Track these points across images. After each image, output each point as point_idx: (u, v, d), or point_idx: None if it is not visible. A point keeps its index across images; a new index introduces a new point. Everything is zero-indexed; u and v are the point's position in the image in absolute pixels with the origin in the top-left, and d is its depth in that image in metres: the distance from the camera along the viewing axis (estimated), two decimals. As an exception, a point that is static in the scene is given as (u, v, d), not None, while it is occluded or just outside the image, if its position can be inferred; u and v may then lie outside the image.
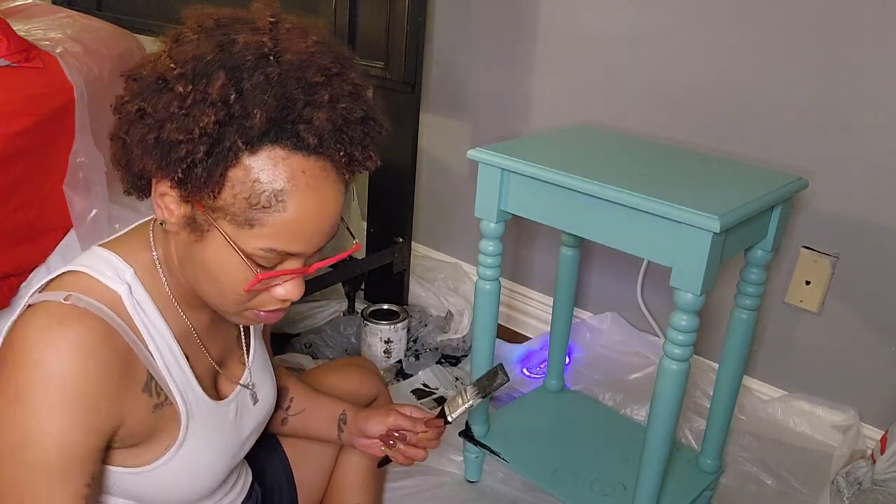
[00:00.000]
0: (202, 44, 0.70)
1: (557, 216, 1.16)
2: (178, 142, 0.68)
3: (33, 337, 0.72)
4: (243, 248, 0.73)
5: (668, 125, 1.63)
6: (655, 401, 1.10)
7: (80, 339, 0.73)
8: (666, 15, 1.58)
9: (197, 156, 0.68)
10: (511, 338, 1.98)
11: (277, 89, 0.69)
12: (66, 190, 1.49)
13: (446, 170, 2.10)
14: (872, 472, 1.34)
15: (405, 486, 1.43)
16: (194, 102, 0.68)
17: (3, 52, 1.39)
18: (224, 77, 0.68)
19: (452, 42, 1.97)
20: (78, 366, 0.72)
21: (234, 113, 0.68)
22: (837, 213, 1.47)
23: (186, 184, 0.70)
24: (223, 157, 0.69)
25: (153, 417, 0.81)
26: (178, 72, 0.69)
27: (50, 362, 0.71)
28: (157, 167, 0.71)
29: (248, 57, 0.69)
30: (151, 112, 0.70)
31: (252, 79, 0.68)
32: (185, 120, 0.68)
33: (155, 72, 0.71)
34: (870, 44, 1.36)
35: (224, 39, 0.71)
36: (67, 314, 0.74)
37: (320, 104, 0.70)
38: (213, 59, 0.69)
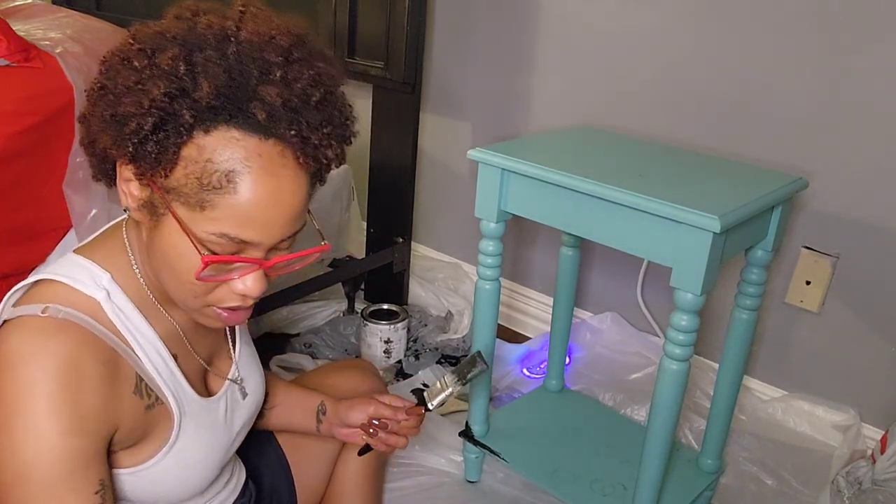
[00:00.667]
0: (169, 25, 0.72)
1: (557, 216, 1.16)
2: (130, 115, 0.68)
3: (14, 354, 0.71)
4: (195, 233, 0.71)
5: (669, 125, 1.63)
6: (655, 401, 1.10)
7: (62, 350, 0.71)
8: (666, 15, 1.58)
9: (146, 128, 0.68)
10: (511, 338, 1.98)
11: (231, 65, 0.69)
12: (66, 190, 1.49)
13: (446, 170, 2.10)
14: (872, 472, 1.34)
15: (405, 486, 1.43)
16: (148, 77, 0.68)
17: (3, 52, 1.39)
18: (176, 50, 0.68)
19: (452, 42, 1.97)
20: (64, 376, 0.71)
21: (184, 86, 0.68)
22: (837, 213, 1.47)
23: (139, 161, 0.70)
24: (175, 132, 0.68)
25: (146, 418, 0.81)
26: (138, 48, 0.70)
27: (35, 378, 0.70)
28: (113, 143, 0.71)
29: (208, 36, 0.70)
30: (111, 88, 0.71)
31: (205, 53, 0.69)
32: (139, 93, 0.68)
33: (119, 50, 0.72)
34: (870, 44, 1.36)
35: (191, 23, 0.72)
36: (47, 327, 0.72)
37: (272, 81, 0.70)
38: (172, 36, 0.70)
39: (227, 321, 0.80)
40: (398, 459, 1.48)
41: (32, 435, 0.70)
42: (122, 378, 0.77)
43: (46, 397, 0.70)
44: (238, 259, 0.73)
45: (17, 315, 0.74)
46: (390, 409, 1.08)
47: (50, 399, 0.70)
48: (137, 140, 0.68)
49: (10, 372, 0.70)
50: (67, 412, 0.71)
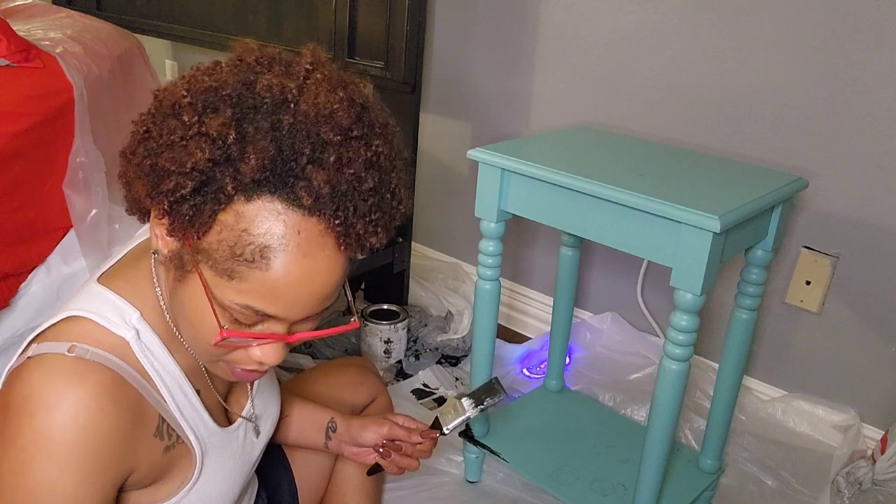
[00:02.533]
0: (227, 77, 0.67)
1: (557, 216, 1.16)
2: (169, 172, 0.64)
3: (37, 396, 0.68)
4: (219, 299, 0.68)
5: (669, 125, 1.63)
6: (655, 401, 1.10)
7: (87, 396, 0.69)
8: (666, 15, 1.58)
9: (184, 191, 0.64)
10: (511, 338, 1.98)
11: (283, 138, 0.64)
12: (66, 190, 1.49)
13: (446, 170, 2.10)
14: (873, 472, 1.34)
15: (405, 486, 1.43)
16: (194, 135, 0.64)
17: (3, 52, 1.39)
18: (229, 114, 0.64)
19: (452, 42, 1.97)
20: (87, 425, 0.68)
21: (230, 154, 0.64)
22: (837, 213, 1.47)
23: (172, 218, 0.66)
24: (213, 199, 0.65)
25: (165, 459, 0.79)
26: (189, 101, 0.66)
27: (56, 424, 0.67)
28: (147, 194, 0.68)
29: (265, 99, 0.65)
30: (156, 136, 0.67)
31: (256, 122, 0.64)
32: (181, 151, 0.64)
33: (172, 95, 0.68)
34: (870, 44, 1.36)
35: (250, 77, 0.67)
36: (73, 369, 0.70)
37: (324, 164, 0.65)
38: (227, 95, 0.65)
39: (240, 378, 0.78)
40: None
41: (47, 482, 0.68)
42: (144, 421, 0.75)
43: (66, 446, 0.68)
44: (259, 336, 0.71)
45: (42, 352, 0.71)
46: (404, 430, 1.05)
47: (70, 448, 0.68)
48: (174, 199, 0.65)
49: (31, 417, 0.68)
50: (87, 464, 0.69)
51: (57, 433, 0.67)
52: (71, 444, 0.68)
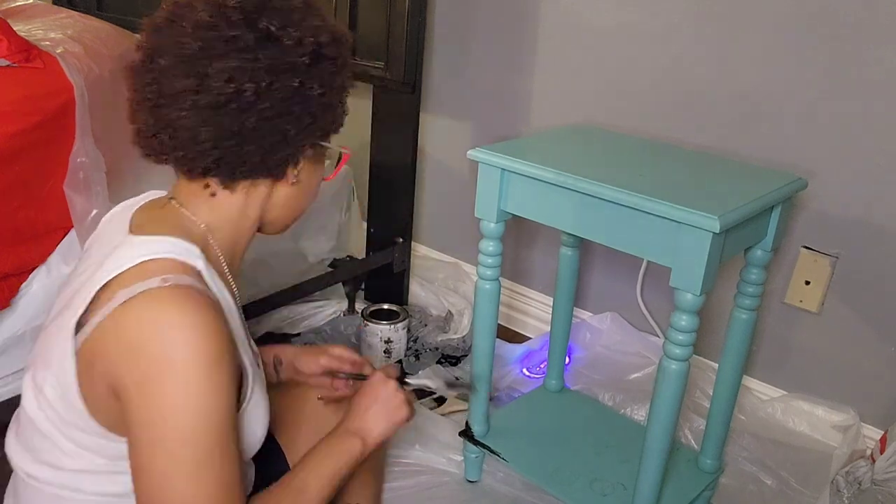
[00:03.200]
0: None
1: (557, 216, 1.16)
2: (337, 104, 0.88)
3: (162, 320, 0.74)
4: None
5: (669, 125, 1.63)
6: (655, 401, 1.10)
7: (198, 313, 0.75)
8: (666, 15, 1.58)
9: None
10: (511, 338, 1.98)
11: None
12: (67, 190, 1.49)
13: (446, 170, 2.10)
14: (872, 472, 1.34)
15: (405, 485, 1.43)
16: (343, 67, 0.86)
17: (4, 52, 1.39)
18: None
19: (452, 42, 1.97)
20: (210, 337, 0.75)
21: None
22: (837, 213, 1.47)
23: (328, 136, 0.90)
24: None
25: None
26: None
27: (188, 341, 0.74)
28: (319, 133, 0.88)
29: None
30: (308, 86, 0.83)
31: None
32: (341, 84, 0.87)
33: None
34: (870, 44, 1.36)
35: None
36: (178, 294, 0.76)
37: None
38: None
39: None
40: (398, 459, 1.48)
41: (194, 397, 0.74)
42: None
43: (203, 359, 0.74)
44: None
45: (139, 291, 0.75)
46: (338, 360, 1.12)
47: (206, 360, 0.74)
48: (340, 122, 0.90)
49: (161, 337, 0.74)
50: (218, 372, 0.75)
51: (195, 352, 0.74)
52: (210, 358, 0.74)
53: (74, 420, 0.80)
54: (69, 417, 0.81)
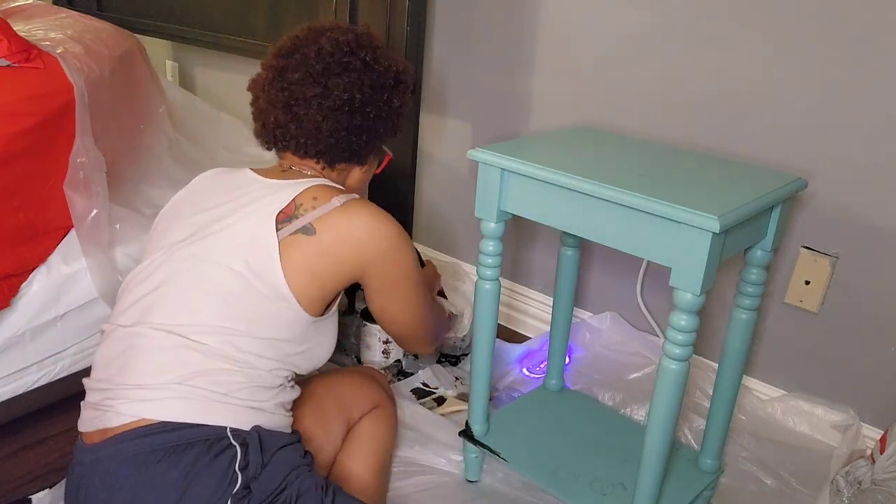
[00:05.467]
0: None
1: (557, 216, 1.16)
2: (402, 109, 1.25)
3: (382, 217, 1.12)
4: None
5: (668, 125, 1.63)
6: (655, 401, 1.11)
7: (382, 210, 1.15)
8: (666, 15, 1.58)
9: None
10: (511, 338, 1.98)
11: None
12: (67, 190, 1.49)
13: (446, 170, 2.10)
14: (872, 471, 1.34)
15: (405, 485, 1.43)
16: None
17: (4, 53, 1.39)
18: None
19: (452, 42, 1.97)
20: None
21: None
22: (837, 213, 1.47)
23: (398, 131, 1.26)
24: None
25: None
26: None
27: (399, 226, 1.14)
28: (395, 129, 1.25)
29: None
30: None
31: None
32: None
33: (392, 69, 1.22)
34: (870, 44, 1.36)
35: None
36: (366, 201, 1.14)
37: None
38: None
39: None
40: (398, 459, 1.48)
41: (413, 256, 1.18)
42: None
43: (407, 236, 1.17)
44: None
45: (350, 199, 1.11)
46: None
47: (407, 237, 1.17)
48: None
49: (388, 223, 1.13)
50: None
51: (403, 232, 1.15)
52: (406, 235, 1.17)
53: (265, 288, 1.04)
54: (259, 286, 1.04)
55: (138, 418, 1.00)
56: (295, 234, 1.06)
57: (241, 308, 1.04)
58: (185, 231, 1.10)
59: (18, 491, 1.37)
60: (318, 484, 1.06)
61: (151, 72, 1.96)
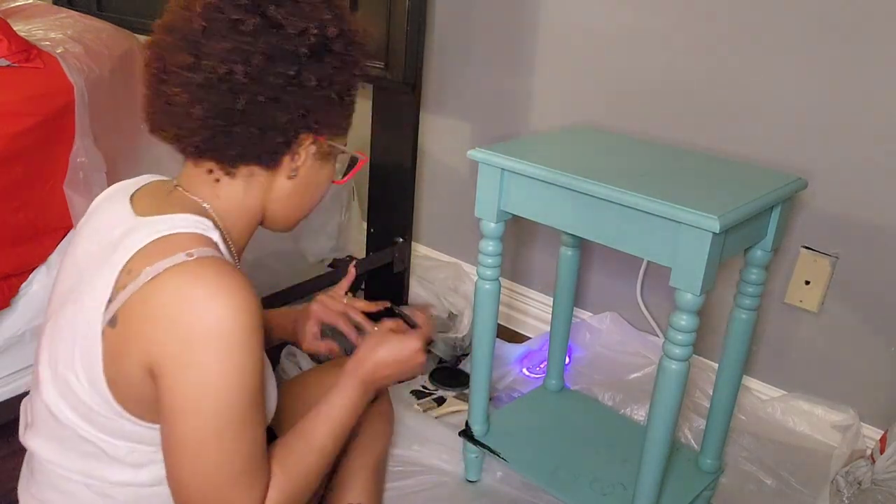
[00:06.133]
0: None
1: (557, 216, 1.16)
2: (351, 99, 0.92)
3: (192, 300, 0.75)
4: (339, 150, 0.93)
5: (668, 125, 1.63)
6: (655, 401, 1.11)
7: (230, 283, 0.76)
8: (666, 15, 1.58)
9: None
10: (511, 338, 1.98)
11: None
12: (67, 190, 1.49)
13: (446, 170, 2.10)
14: (872, 471, 1.34)
15: (405, 485, 1.43)
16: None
17: (4, 53, 1.39)
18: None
19: (452, 42, 1.97)
20: (244, 305, 0.76)
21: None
22: (837, 213, 1.47)
23: (342, 128, 0.91)
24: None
25: None
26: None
27: (224, 313, 0.74)
28: (328, 121, 0.87)
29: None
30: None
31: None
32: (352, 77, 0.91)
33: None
34: (870, 44, 1.36)
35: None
36: (204, 267, 0.76)
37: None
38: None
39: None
40: (398, 459, 1.48)
41: (231, 365, 0.75)
42: None
43: (244, 330, 0.75)
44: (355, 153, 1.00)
45: (166, 267, 0.76)
46: (328, 298, 1.18)
47: (241, 327, 0.75)
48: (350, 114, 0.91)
49: (196, 309, 0.74)
50: (253, 338, 0.76)
51: (232, 321, 0.75)
52: (246, 326, 0.75)
53: (102, 407, 0.80)
54: (96, 406, 0.80)
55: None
56: (106, 327, 0.78)
57: (88, 429, 0.83)
58: (51, 307, 0.89)
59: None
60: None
61: (151, 72, 1.95)
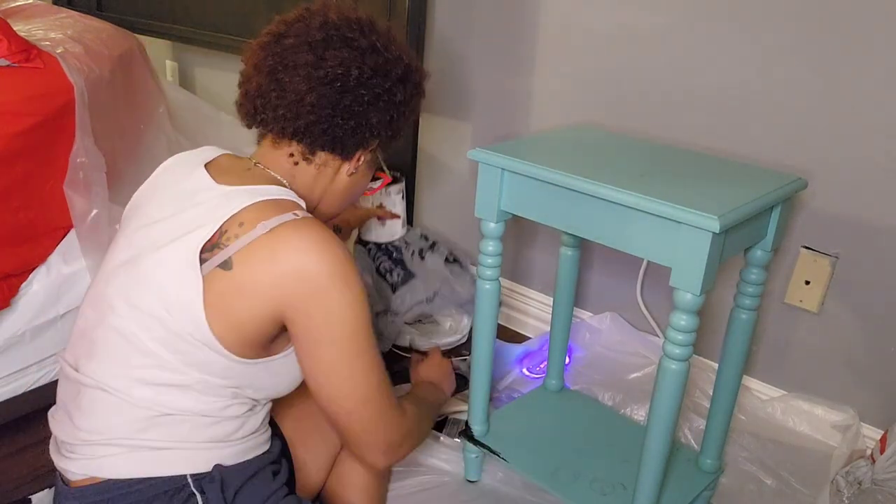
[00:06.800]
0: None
1: (557, 216, 1.16)
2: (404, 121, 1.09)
3: (313, 248, 0.92)
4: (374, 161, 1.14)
5: (668, 125, 1.63)
6: (655, 401, 1.11)
7: (332, 235, 0.94)
8: (666, 15, 1.58)
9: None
10: (511, 338, 1.98)
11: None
12: (67, 190, 1.49)
13: (446, 170, 2.10)
14: (872, 471, 1.34)
15: (405, 485, 1.43)
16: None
17: (4, 53, 1.39)
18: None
19: (453, 42, 1.97)
20: (348, 254, 0.95)
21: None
22: (837, 213, 1.47)
23: (393, 140, 1.10)
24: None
25: None
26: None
27: (339, 258, 0.93)
28: (383, 136, 1.07)
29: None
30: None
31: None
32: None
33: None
34: (870, 44, 1.36)
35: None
36: (312, 223, 0.94)
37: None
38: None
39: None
40: (398, 459, 1.48)
41: (354, 299, 0.94)
42: None
43: (350, 268, 0.94)
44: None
45: (280, 223, 0.92)
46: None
47: (353, 269, 0.94)
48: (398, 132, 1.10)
49: (319, 255, 0.92)
50: (360, 279, 0.95)
51: (345, 264, 0.93)
52: (354, 269, 0.95)
53: (193, 338, 0.91)
54: (187, 336, 0.91)
55: (89, 477, 0.95)
56: (216, 268, 0.91)
57: (168, 356, 0.93)
58: (126, 252, 0.99)
59: (18, 491, 1.37)
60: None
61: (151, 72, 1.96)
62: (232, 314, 0.92)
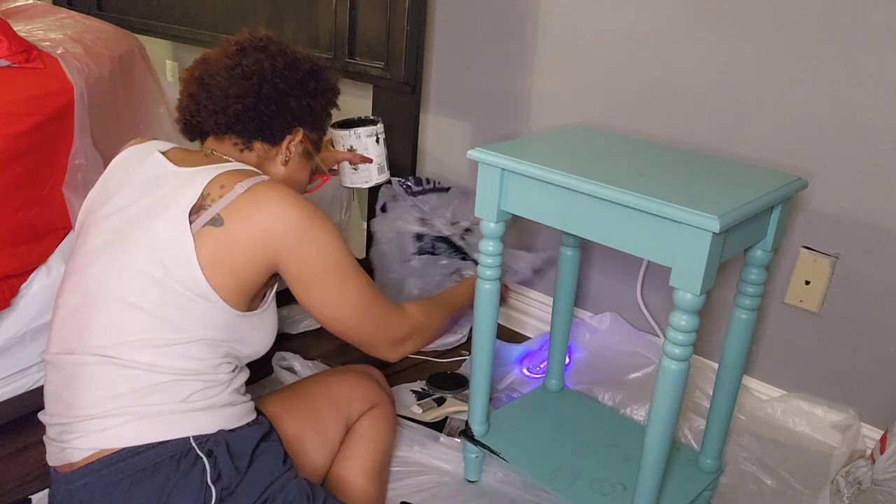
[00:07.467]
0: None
1: (557, 216, 1.16)
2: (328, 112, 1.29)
3: (290, 200, 1.06)
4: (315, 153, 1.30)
5: (668, 125, 1.63)
6: (655, 401, 1.11)
7: (294, 191, 1.10)
8: (666, 15, 1.58)
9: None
10: (511, 338, 1.98)
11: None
12: (66, 191, 1.49)
13: (446, 170, 2.10)
14: (872, 471, 1.34)
15: (405, 485, 1.43)
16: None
17: (4, 53, 1.39)
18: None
19: (452, 42, 1.97)
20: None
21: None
22: (837, 213, 1.48)
23: (320, 132, 1.28)
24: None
25: None
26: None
27: (313, 208, 1.08)
28: (311, 126, 1.24)
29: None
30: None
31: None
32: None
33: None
34: (870, 43, 1.36)
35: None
36: (278, 183, 1.09)
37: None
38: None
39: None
40: (398, 459, 1.48)
41: (335, 235, 1.10)
42: None
43: (325, 215, 1.10)
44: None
45: (255, 183, 1.06)
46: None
47: (326, 216, 1.10)
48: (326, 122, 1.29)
49: (298, 206, 1.06)
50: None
51: (315, 208, 1.09)
52: (321, 210, 1.11)
53: (187, 289, 1.00)
54: (181, 289, 1.00)
55: (97, 450, 0.98)
56: (205, 226, 1.02)
57: (167, 315, 1.00)
58: (101, 237, 1.07)
59: (18, 491, 1.37)
60: (304, 492, 1.05)
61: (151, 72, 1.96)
62: (228, 265, 1.02)
